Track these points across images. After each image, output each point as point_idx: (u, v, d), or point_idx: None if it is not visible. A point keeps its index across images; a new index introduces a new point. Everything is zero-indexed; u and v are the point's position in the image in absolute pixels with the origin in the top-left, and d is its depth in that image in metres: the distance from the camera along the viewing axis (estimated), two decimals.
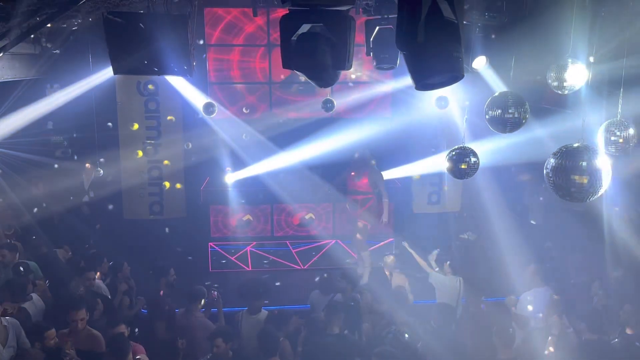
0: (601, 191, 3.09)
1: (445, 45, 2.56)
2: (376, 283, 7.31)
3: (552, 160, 3.18)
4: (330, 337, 5.93)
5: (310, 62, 3.42)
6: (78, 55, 8.26)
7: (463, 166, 5.17)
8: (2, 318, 5.40)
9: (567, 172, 3.09)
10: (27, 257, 7.45)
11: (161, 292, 6.88)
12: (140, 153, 10.28)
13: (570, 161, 3.09)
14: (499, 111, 4.80)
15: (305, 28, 3.46)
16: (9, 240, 7.82)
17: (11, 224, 8.42)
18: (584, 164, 3.06)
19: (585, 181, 3.06)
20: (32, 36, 7.12)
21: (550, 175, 3.18)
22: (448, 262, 7.64)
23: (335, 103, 9.56)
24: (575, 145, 3.14)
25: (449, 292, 7.31)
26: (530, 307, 6.69)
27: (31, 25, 5.52)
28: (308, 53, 3.41)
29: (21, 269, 6.63)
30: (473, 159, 5.18)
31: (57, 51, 8.30)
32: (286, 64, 3.56)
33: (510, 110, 4.76)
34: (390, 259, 7.98)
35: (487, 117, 4.90)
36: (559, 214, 9.71)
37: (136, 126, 10.20)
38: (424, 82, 2.73)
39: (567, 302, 6.90)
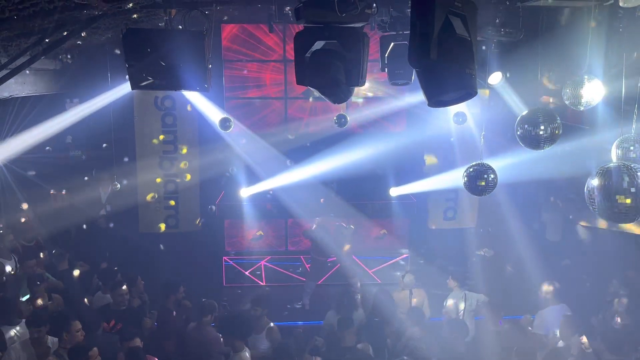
0: None
1: (458, 62, 2.55)
2: (382, 304, 7.19)
3: (594, 181, 3.06)
4: (346, 351, 5.92)
5: (323, 78, 3.42)
6: (97, 70, 8.40)
7: (481, 183, 5.10)
8: (48, 337, 5.55)
9: (610, 193, 2.98)
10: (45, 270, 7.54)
11: (174, 313, 6.86)
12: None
13: (612, 181, 2.97)
14: (530, 128, 4.71)
15: (319, 45, 3.47)
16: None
17: (32, 236, 8.51)
18: (626, 183, 2.94)
19: (629, 201, 2.94)
20: (52, 52, 7.26)
21: (594, 196, 3.06)
22: (450, 277, 7.65)
23: (348, 118, 9.58)
24: (613, 164, 3.03)
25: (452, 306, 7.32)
26: (544, 326, 6.59)
27: (52, 41, 5.63)
28: (322, 69, 3.42)
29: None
30: (491, 176, 5.11)
31: (76, 66, 8.47)
32: (300, 80, 3.57)
33: (541, 127, 4.67)
34: (409, 278, 7.82)
35: (517, 134, 4.82)
36: (577, 231, 9.59)
37: (155, 141, 10.31)
38: (436, 99, 2.72)
39: (585, 322, 6.78)
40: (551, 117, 4.66)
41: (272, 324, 6.53)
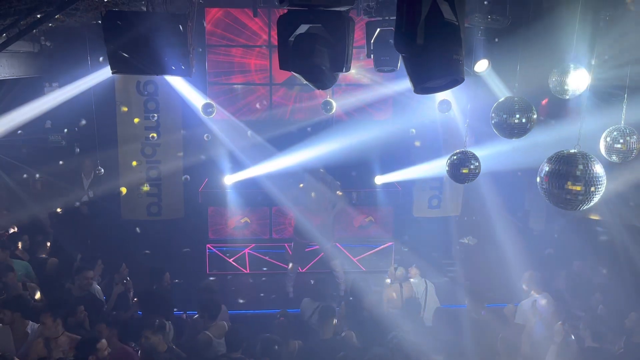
0: (595, 200, 2.98)
1: (445, 47, 2.48)
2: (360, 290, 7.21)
3: (546, 166, 3.08)
4: (324, 341, 5.90)
5: (307, 63, 3.34)
6: (77, 54, 8.20)
7: (464, 171, 5.10)
8: (29, 323, 5.53)
9: (561, 179, 2.98)
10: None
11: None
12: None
13: (565, 167, 2.97)
14: (505, 116, 4.71)
15: (303, 29, 3.38)
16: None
17: (5, 225, 8.34)
18: (580, 171, 2.94)
19: (580, 189, 2.95)
20: (30, 34, 7.07)
21: (544, 181, 3.08)
22: (414, 265, 7.77)
23: (334, 105, 9.50)
24: (572, 151, 3.03)
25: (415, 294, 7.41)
26: (528, 315, 6.62)
27: (29, 22, 5.46)
28: (305, 54, 3.33)
29: None
30: (474, 164, 5.11)
31: (56, 49, 8.27)
32: (283, 65, 3.48)
33: (516, 116, 4.67)
34: (400, 271, 7.81)
35: (492, 122, 4.82)
36: (560, 220, 9.66)
37: (137, 120, 10.11)
38: (423, 85, 2.64)
39: (567, 310, 6.83)
40: (527, 106, 4.67)
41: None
